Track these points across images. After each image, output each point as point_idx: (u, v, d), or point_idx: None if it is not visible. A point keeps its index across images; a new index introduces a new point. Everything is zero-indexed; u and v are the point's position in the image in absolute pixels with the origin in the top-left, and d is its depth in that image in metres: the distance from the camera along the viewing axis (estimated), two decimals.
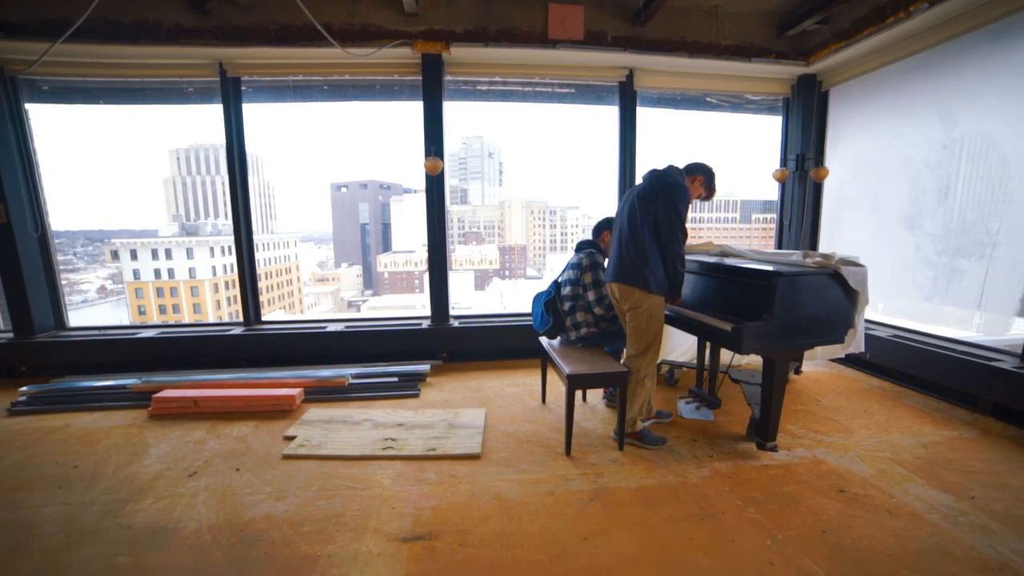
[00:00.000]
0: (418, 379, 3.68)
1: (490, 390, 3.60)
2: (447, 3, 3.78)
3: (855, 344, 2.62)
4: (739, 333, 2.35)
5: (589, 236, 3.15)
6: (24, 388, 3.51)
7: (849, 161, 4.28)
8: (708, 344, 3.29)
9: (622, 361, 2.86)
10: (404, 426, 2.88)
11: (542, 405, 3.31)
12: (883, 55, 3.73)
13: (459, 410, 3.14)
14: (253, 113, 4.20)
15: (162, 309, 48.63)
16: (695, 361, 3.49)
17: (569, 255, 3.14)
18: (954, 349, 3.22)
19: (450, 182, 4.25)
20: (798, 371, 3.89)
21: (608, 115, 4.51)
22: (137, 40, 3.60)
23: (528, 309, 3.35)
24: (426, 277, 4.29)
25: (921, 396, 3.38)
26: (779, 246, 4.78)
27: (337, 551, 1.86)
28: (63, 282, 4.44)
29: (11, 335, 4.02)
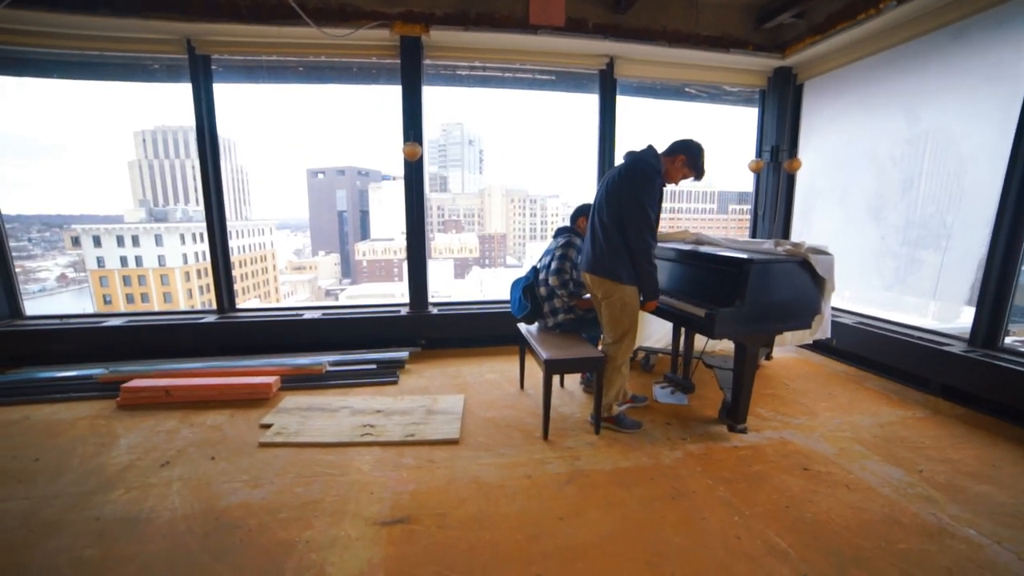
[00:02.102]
0: (397, 366, 3.67)
1: (469, 376, 3.62)
2: None
3: (822, 330, 2.73)
4: (712, 318, 2.42)
5: (567, 223, 3.17)
6: None
7: (820, 154, 4.40)
8: (683, 330, 3.38)
9: (599, 347, 2.91)
10: (383, 412, 2.88)
11: (520, 391, 3.35)
12: (854, 51, 3.84)
13: (438, 396, 3.16)
14: (225, 94, 4.07)
15: (130, 298, 46.79)
16: (671, 347, 3.58)
17: (549, 243, 3.16)
18: (910, 335, 3.39)
19: (430, 169, 4.25)
20: (769, 356, 4.03)
21: (588, 103, 4.51)
22: (93, 9, 3.40)
23: (505, 296, 3.37)
24: (405, 265, 4.26)
25: (881, 379, 3.56)
26: (753, 235, 4.91)
27: (315, 536, 1.86)
28: (17, 269, 4.24)
29: None
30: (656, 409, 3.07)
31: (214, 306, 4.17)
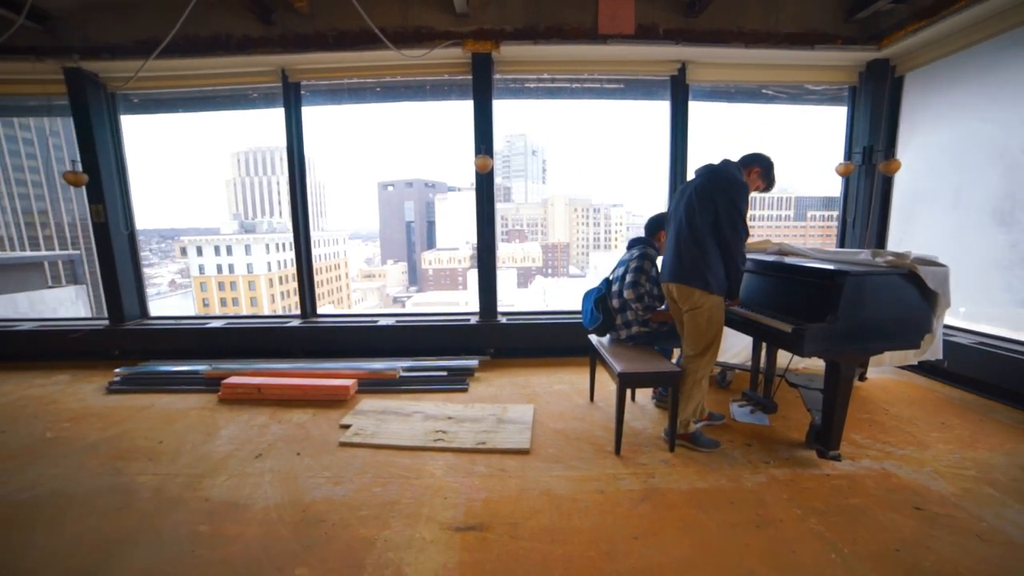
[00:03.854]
0: (466, 374, 3.75)
1: (538, 387, 3.62)
2: (497, 3, 3.82)
3: (932, 350, 2.45)
4: (800, 334, 2.24)
5: (641, 234, 3.10)
6: (118, 370, 3.89)
7: (925, 152, 3.96)
8: (764, 346, 3.16)
9: (674, 360, 2.80)
10: (454, 419, 2.95)
11: (590, 403, 3.29)
12: (972, 33, 3.39)
13: (507, 405, 3.18)
14: (310, 116, 4.42)
15: (223, 302, 52.11)
16: (749, 363, 3.36)
17: (613, 253, 3.10)
18: None
19: (493, 180, 4.30)
20: (863, 377, 3.66)
21: (657, 110, 4.42)
22: (212, 52, 3.88)
23: (575, 307, 3.34)
24: (470, 274, 4.37)
25: (1013, 411, 3.09)
26: (841, 245, 4.50)
27: (393, 536, 1.94)
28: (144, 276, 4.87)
29: (107, 322, 4.47)
30: (734, 428, 2.89)
31: (297, 311, 4.53)
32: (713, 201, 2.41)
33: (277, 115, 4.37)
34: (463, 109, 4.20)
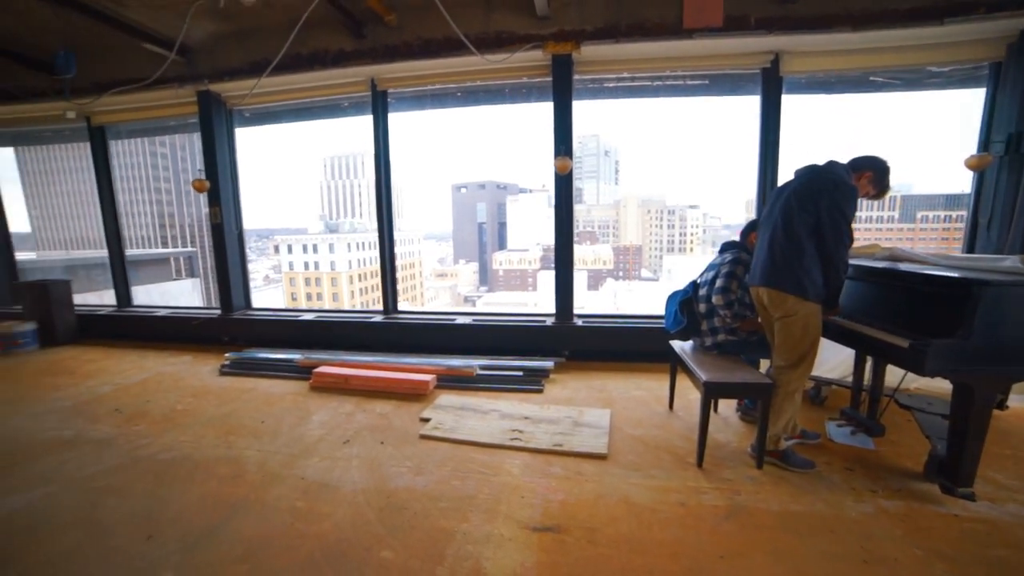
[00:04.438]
0: (542, 375, 3.76)
1: (614, 391, 3.54)
2: (577, 3, 3.79)
3: None
4: (921, 351, 1.99)
5: (724, 239, 2.94)
6: (228, 354, 4.37)
7: None
8: (869, 361, 2.85)
9: (764, 371, 2.61)
10: (530, 419, 2.98)
11: (669, 411, 3.16)
12: None
13: (584, 409, 3.15)
14: (393, 122, 4.69)
15: (308, 296, 56.70)
16: (847, 379, 3.05)
17: (688, 257, 2.96)
18: None
19: (572, 181, 4.27)
20: (1003, 405, 3.17)
21: (743, 105, 4.27)
22: (312, 67, 4.23)
23: (651, 311, 3.23)
24: (540, 275, 4.37)
25: None
26: (970, 250, 3.92)
27: (471, 530, 1.99)
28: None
29: (219, 312, 5.04)
30: (831, 450, 2.63)
31: (375, 307, 4.81)
32: (815, 204, 2.22)
33: (362, 122, 4.68)
34: (538, 111, 4.26)
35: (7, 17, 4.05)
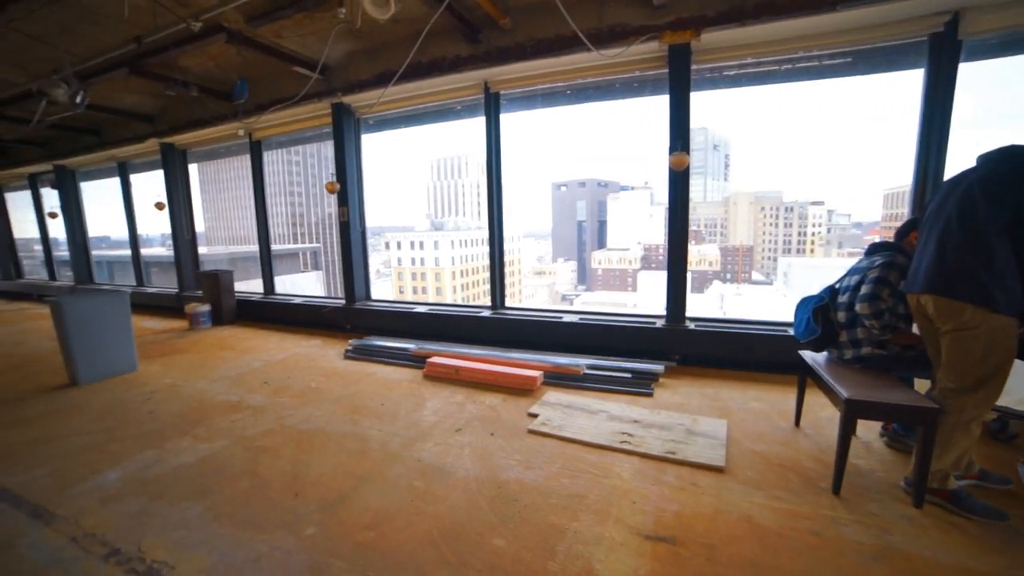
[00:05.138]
0: (651, 378, 3.62)
1: (730, 401, 3.29)
2: None
3: None
4: None
5: (852, 239, 2.56)
6: (351, 341, 4.86)
7: None
8: None
9: (927, 393, 2.23)
10: (640, 423, 2.88)
11: (795, 427, 2.85)
12: None
13: (697, 417, 2.97)
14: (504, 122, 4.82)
15: (414, 290, 60.96)
16: None
17: (808, 259, 2.61)
18: None
19: (689, 178, 4.02)
20: (1008, 436, 2.39)
21: (893, 83, 3.53)
22: (430, 74, 4.51)
23: (772, 317, 2.93)
24: (640, 275, 4.19)
25: None
26: None
27: (582, 529, 1.98)
28: None
29: (343, 301, 5.63)
30: None
31: (478, 302, 4.99)
32: (1014, 195, 1.83)
33: (470, 125, 4.90)
34: (646, 105, 4.09)
35: (206, 60, 4.92)
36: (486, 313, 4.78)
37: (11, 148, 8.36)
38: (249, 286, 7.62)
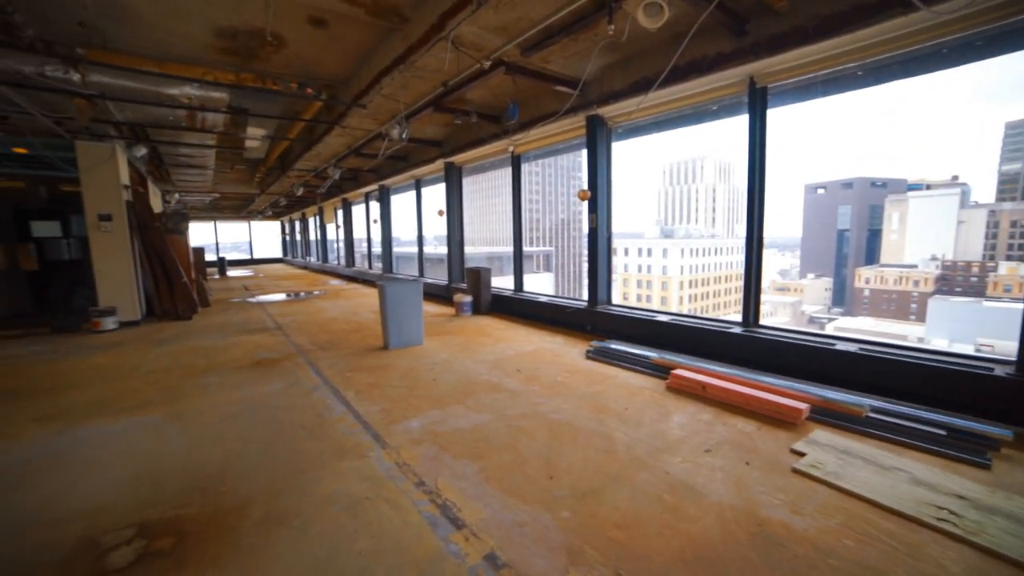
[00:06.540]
0: (985, 444, 2.65)
1: None
2: None
3: None
4: None
5: None
6: (592, 343, 5.14)
7: None
8: None
9: None
10: (968, 501, 2.16)
11: None
12: None
13: None
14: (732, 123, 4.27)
15: (638, 298, 60.06)
16: None
17: None
18: None
19: (1004, 168, 2.76)
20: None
21: None
22: (687, 77, 4.35)
23: None
24: (932, 302, 3.09)
25: None
26: None
27: None
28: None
29: (585, 303, 6.00)
30: None
31: (735, 318, 4.53)
32: None
33: (724, 125, 4.49)
34: (954, 79, 2.92)
35: (485, 91, 5.99)
36: (737, 329, 4.34)
37: (362, 176, 12.00)
38: (497, 282, 8.89)
